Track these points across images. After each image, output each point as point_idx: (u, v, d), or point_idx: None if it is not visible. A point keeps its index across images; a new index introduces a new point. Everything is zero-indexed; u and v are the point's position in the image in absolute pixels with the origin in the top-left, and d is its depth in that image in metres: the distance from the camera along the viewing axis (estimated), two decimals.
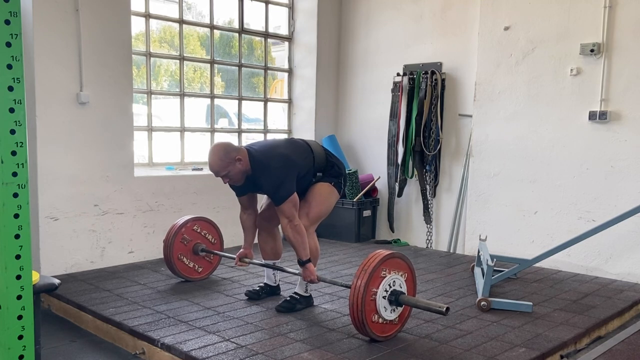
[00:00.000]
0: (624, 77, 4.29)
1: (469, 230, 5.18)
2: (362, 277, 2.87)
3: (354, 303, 2.86)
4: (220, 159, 3.22)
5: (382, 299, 2.93)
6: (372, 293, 2.89)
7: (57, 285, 2.56)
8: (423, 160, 5.45)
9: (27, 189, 1.47)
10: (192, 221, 4.13)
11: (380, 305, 2.93)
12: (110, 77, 4.43)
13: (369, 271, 2.87)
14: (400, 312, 3.05)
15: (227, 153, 3.23)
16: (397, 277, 3.00)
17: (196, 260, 4.14)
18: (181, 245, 4.05)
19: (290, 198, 3.27)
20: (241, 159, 3.25)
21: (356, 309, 2.86)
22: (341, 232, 5.71)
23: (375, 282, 2.90)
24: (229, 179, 3.29)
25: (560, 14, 4.55)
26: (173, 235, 4.01)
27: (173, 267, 4.03)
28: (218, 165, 3.23)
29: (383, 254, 2.95)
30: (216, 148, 3.28)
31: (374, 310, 2.92)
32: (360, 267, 2.92)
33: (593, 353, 3.05)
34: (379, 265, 2.90)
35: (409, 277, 3.09)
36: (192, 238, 4.11)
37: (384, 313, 2.96)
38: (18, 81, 1.43)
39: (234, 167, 3.24)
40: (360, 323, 2.89)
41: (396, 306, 3.00)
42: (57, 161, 4.21)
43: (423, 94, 5.35)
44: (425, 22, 5.52)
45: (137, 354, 3.08)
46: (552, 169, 4.67)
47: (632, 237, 4.26)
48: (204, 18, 5.48)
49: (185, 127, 5.30)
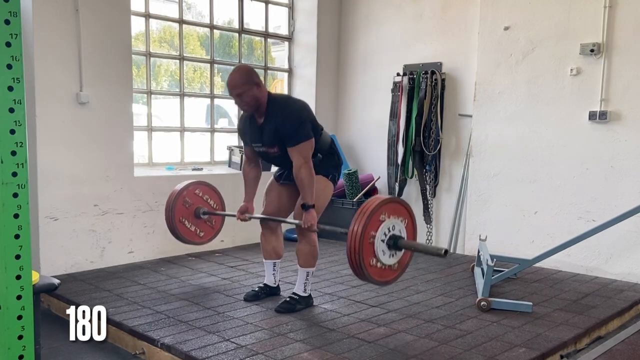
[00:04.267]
0: (624, 77, 4.28)
1: (469, 230, 5.18)
2: (360, 219, 2.79)
3: (352, 246, 2.79)
4: (241, 75, 3.28)
5: (381, 242, 2.86)
6: (370, 236, 2.81)
7: (57, 285, 2.56)
8: (423, 160, 5.45)
9: (27, 189, 1.47)
10: (193, 185, 4.07)
11: (378, 249, 2.85)
12: (110, 77, 4.43)
13: (367, 213, 2.79)
14: (400, 258, 2.97)
15: (250, 74, 3.29)
16: (397, 222, 2.92)
17: (198, 224, 4.09)
18: (183, 208, 3.99)
19: (310, 141, 3.28)
20: (260, 87, 3.30)
21: (354, 251, 2.79)
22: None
23: (373, 225, 2.82)
24: (241, 100, 3.29)
25: (560, 14, 4.55)
26: (175, 198, 3.95)
27: (175, 230, 3.98)
28: (236, 81, 3.26)
29: (382, 198, 2.90)
30: (241, 66, 3.45)
31: (372, 254, 2.84)
32: (358, 211, 2.85)
33: (593, 353, 3.04)
34: (377, 209, 2.83)
35: (409, 224, 3.00)
36: (194, 202, 4.05)
37: (382, 257, 2.88)
38: (18, 81, 1.44)
39: (250, 90, 3.25)
40: (357, 266, 2.82)
41: (395, 251, 2.93)
42: (57, 161, 4.21)
43: (423, 94, 5.35)
44: (425, 22, 5.52)
45: (137, 354, 3.08)
46: (552, 169, 4.67)
47: (632, 237, 4.26)
48: (204, 18, 5.47)
49: (185, 127, 5.30)
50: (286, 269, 4.21)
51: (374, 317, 3.39)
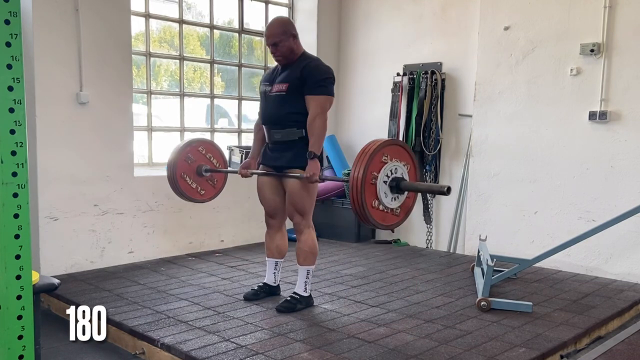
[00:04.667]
0: (624, 77, 4.28)
1: (469, 230, 5.18)
2: (363, 159, 2.76)
3: (354, 186, 2.75)
4: (279, 25, 3.37)
5: (383, 184, 2.83)
6: (372, 177, 2.78)
7: (57, 285, 2.56)
8: (423, 160, 5.44)
9: (27, 189, 1.47)
10: (197, 142, 4.03)
11: (380, 190, 2.82)
12: (110, 77, 4.43)
13: (369, 153, 2.76)
14: (402, 202, 2.93)
15: (288, 25, 3.40)
16: (399, 165, 2.89)
17: (199, 182, 4.04)
18: (185, 164, 3.94)
19: (331, 98, 3.36)
20: (296, 39, 3.40)
21: (356, 191, 2.75)
22: (341, 232, 5.70)
23: (376, 166, 2.79)
24: (277, 49, 3.35)
25: (560, 14, 4.55)
26: (177, 153, 3.91)
27: (176, 185, 3.92)
28: (274, 30, 3.34)
29: (384, 139, 2.89)
30: (281, 17, 3.58)
31: (374, 195, 2.81)
32: (360, 151, 2.82)
33: (593, 353, 3.04)
34: (380, 149, 2.80)
35: (412, 169, 2.97)
36: (197, 159, 4.00)
37: (385, 199, 2.85)
38: (18, 81, 1.44)
39: (287, 40, 3.34)
40: (360, 207, 2.78)
41: (398, 194, 2.89)
42: (57, 161, 4.21)
43: (423, 94, 5.35)
44: (425, 22, 5.52)
45: (137, 354, 3.08)
46: (552, 169, 4.67)
47: (632, 237, 4.26)
48: (204, 18, 5.47)
49: (185, 127, 5.30)
50: (286, 269, 4.21)
51: (374, 317, 3.39)
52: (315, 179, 3.28)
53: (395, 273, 4.44)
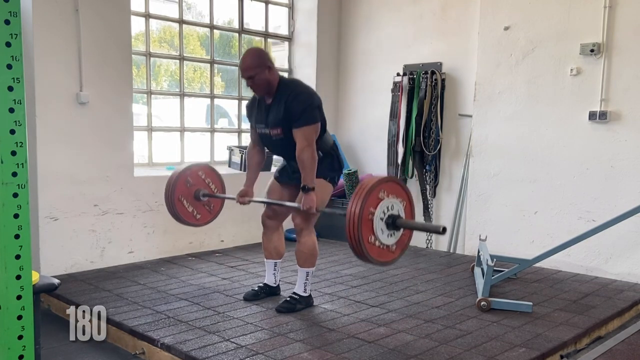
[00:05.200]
0: (624, 77, 4.28)
1: (469, 230, 5.18)
2: (360, 194, 2.79)
3: (351, 221, 2.77)
4: (253, 58, 3.29)
5: (380, 221, 2.85)
6: (369, 212, 2.80)
7: (57, 285, 2.56)
8: (423, 160, 5.45)
9: (27, 189, 1.47)
10: (197, 166, 4.05)
11: (377, 227, 2.83)
12: (110, 77, 4.43)
13: (366, 189, 2.79)
14: (399, 238, 2.95)
15: (262, 57, 3.32)
16: (396, 202, 2.91)
17: (196, 206, 4.06)
18: (184, 187, 3.95)
19: (315, 125, 3.30)
20: (272, 70, 3.32)
21: (353, 226, 2.77)
22: (341, 232, 5.63)
23: (373, 202, 2.81)
24: (253, 82, 3.30)
25: (560, 14, 4.55)
26: (177, 176, 3.92)
27: (173, 208, 3.93)
28: (248, 64, 3.27)
29: (380, 176, 2.93)
30: (253, 49, 3.47)
31: (370, 231, 2.83)
32: (358, 187, 2.85)
33: (593, 353, 3.05)
34: (377, 186, 2.82)
35: (407, 206, 2.99)
36: (196, 183, 4.01)
37: (381, 236, 2.87)
38: (18, 81, 1.44)
39: (262, 73, 3.27)
40: (356, 242, 2.79)
41: (394, 231, 2.91)
42: (57, 161, 4.21)
43: (423, 94, 5.35)
44: (425, 22, 5.52)
45: (137, 354, 3.08)
46: (552, 169, 4.67)
47: (632, 237, 4.26)
48: (204, 18, 5.48)
49: (185, 127, 5.30)
50: (286, 269, 4.21)
51: (374, 317, 3.39)
52: (313, 211, 3.31)
53: (395, 273, 4.44)
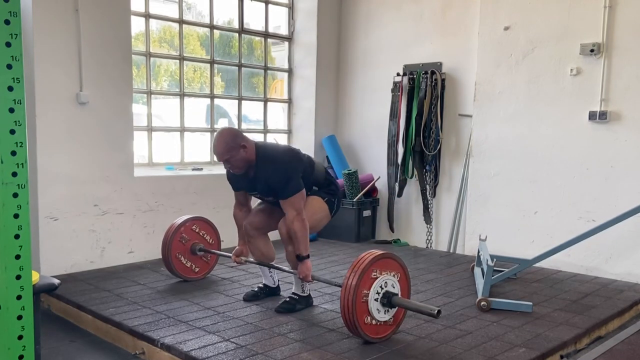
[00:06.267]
0: (624, 77, 4.28)
1: (469, 230, 5.18)
2: (353, 278, 2.83)
3: (345, 305, 2.83)
4: (225, 142, 3.24)
5: (375, 301, 2.90)
6: (363, 295, 2.85)
7: (57, 285, 2.56)
8: (423, 160, 5.45)
9: (27, 189, 1.47)
10: (190, 221, 4.14)
11: (372, 308, 2.90)
12: (110, 77, 4.43)
13: (359, 272, 2.83)
14: (395, 312, 3.02)
15: (234, 138, 3.26)
16: (389, 277, 2.96)
17: (193, 260, 4.15)
18: (179, 245, 4.06)
19: (301, 192, 3.30)
20: (247, 147, 3.27)
21: (348, 311, 2.83)
22: (341, 232, 5.70)
23: (366, 284, 2.86)
24: (230, 165, 3.29)
25: (560, 14, 4.55)
26: (172, 234, 4.02)
27: (171, 266, 4.03)
28: (222, 148, 3.24)
29: (373, 254, 2.92)
30: (224, 131, 3.33)
31: (366, 312, 2.89)
32: (350, 269, 2.89)
33: (593, 353, 3.05)
34: (369, 267, 2.86)
35: (402, 277, 3.05)
36: (191, 238, 4.12)
37: (377, 315, 2.93)
38: (18, 81, 1.44)
39: (237, 154, 3.24)
40: (352, 325, 2.86)
41: (389, 308, 2.97)
42: (57, 161, 4.21)
43: (423, 94, 5.35)
44: (425, 22, 5.52)
45: (137, 354, 3.08)
46: (552, 169, 4.67)
47: (632, 237, 4.26)
48: (204, 18, 5.47)
49: (185, 127, 5.30)
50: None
51: None
52: (309, 280, 3.34)
53: None
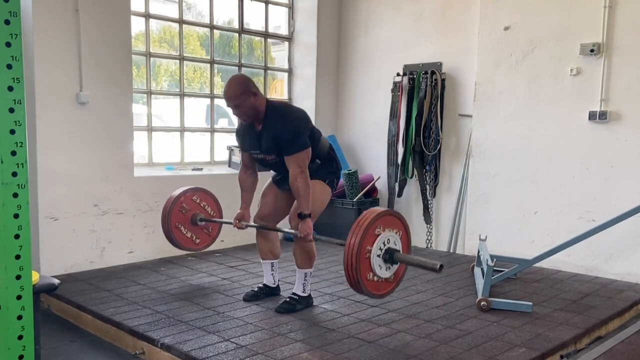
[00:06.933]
0: (624, 77, 4.28)
1: (469, 230, 5.18)
2: (357, 234, 2.81)
3: (349, 261, 2.81)
4: (237, 86, 3.26)
5: (377, 257, 2.89)
6: (366, 251, 2.84)
7: (57, 285, 2.56)
8: (423, 160, 5.45)
9: (27, 189, 1.47)
10: (191, 191, 4.07)
11: (375, 264, 2.88)
12: (110, 77, 4.43)
13: (363, 228, 2.81)
14: (396, 269, 3.00)
15: (246, 84, 3.28)
16: (392, 234, 2.95)
17: (194, 231, 4.08)
18: (179, 214, 3.99)
19: (307, 150, 3.30)
20: (257, 96, 3.29)
21: (351, 267, 2.81)
22: (341, 232, 5.65)
23: (369, 240, 2.84)
24: (239, 111, 3.30)
25: (560, 14, 4.55)
26: (172, 204, 3.95)
27: (171, 236, 3.97)
28: (233, 92, 3.25)
29: (376, 212, 2.91)
30: (237, 76, 3.41)
31: (368, 269, 2.87)
32: (354, 225, 2.87)
33: (593, 353, 3.05)
34: (373, 223, 2.84)
35: (404, 235, 3.04)
36: (191, 208, 4.05)
37: (379, 271, 2.91)
38: (18, 81, 1.44)
39: (247, 100, 3.24)
40: (355, 281, 2.84)
41: (391, 264, 2.96)
42: (57, 161, 4.21)
43: (423, 94, 5.35)
44: (425, 22, 5.52)
45: (137, 354, 3.08)
46: (552, 169, 4.67)
47: (632, 237, 4.26)
48: (204, 18, 5.47)
49: (185, 127, 5.30)
50: (285, 269, 4.21)
51: (374, 317, 3.39)
52: (310, 238, 3.32)
53: None
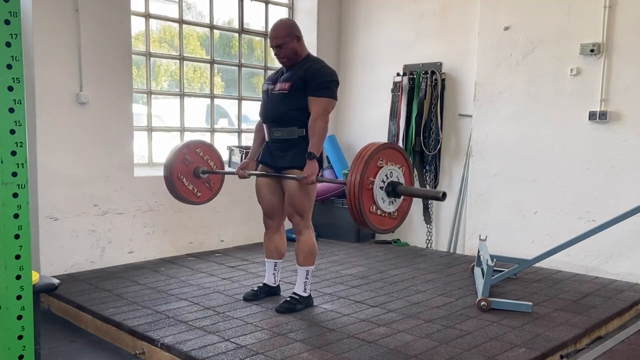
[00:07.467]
0: (624, 77, 4.28)
1: (469, 230, 5.18)
2: (359, 164, 2.79)
3: (352, 192, 2.78)
4: (284, 27, 3.39)
5: (380, 190, 2.87)
6: (369, 182, 2.81)
7: (57, 285, 2.56)
8: (423, 160, 5.45)
9: (27, 189, 1.47)
10: (194, 144, 4.02)
11: (377, 196, 2.86)
12: (110, 77, 4.43)
13: (365, 158, 2.79)
14: (399, 205, 2.98)
15: (292, 27, 3.41)
16: (394, 168, 2.93)
17: (196, 184, 4.02)
18: (182, 165, 3.92)
19: (334, 101, 3.37)
20: (300, 40, 3.42)
21: (354, 198, 2.78)
22: (341, 232, 5.71)
23: (372, 171, 2.82)
24: (280, 51, 3.38)
25: (560, 14, 4.55)
26: (175, 154, 3.89)
27: (172, 186, 3.89)
28: (280, 31, 3.36)
29: (378, 144, 2.90)
30: (286, 19, 3.62)
31: (371, 201, 2.85)
32: (356, 156, 2.85)
33: (593, 353, 3.05)
34: (375, 154, 2.83)
35: (406, 171, 3.02)
36: (194, 160, 3.98)
37: (382, 204, 2.89)
38: (18, 81, 1.44)
39: (291, 42, 3.36)
40: (358, 212, 2.81)
41: (394, 198, 2.93)
42: (57, 161, 4.21)
43: (423, 94, 5.35)
44: (425, 22, 5.52)
45: (137, 354, 3.08)
46: (552, 169, 4.67)
47: (632, 237, 4.26)
48: (204, 18, 5.47)
49: (185, 127, 5.30)
50: (286, 269, 4.21)
51: (374, 317, 3.39)
52: (312, 179, 3.26)
53: (395, 273, 4.44)
